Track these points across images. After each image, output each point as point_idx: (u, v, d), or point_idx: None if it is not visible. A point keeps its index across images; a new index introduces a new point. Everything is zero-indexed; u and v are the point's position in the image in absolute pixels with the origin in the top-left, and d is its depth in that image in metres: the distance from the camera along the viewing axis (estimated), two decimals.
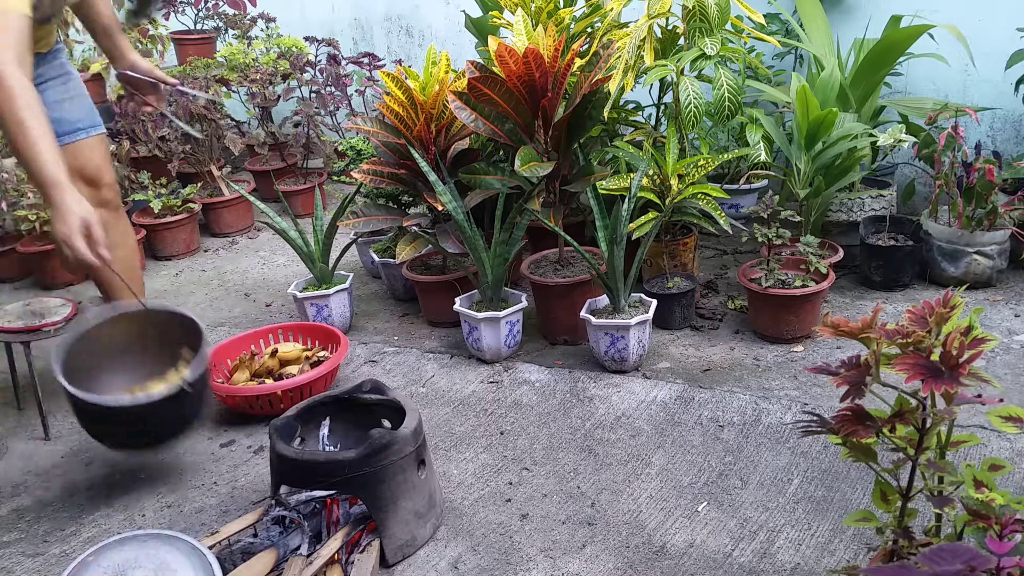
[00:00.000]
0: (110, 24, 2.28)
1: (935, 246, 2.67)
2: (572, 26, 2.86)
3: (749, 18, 2.56)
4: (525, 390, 2.36)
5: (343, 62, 3.99)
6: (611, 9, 2.60)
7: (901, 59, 2.83)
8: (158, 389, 1.84)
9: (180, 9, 4.25)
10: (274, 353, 2.42)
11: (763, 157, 2.74)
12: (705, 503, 1.84)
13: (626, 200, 2.35)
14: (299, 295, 2.72)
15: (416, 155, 2.49)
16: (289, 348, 2.45)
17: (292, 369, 2.39)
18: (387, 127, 2.68)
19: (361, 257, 3.30)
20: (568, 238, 2.40)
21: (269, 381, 2.33)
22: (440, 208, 2.52)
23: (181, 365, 1.95)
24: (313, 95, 3.91)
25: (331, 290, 2.71)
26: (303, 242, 2.72)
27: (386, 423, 1.89)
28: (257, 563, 1.63)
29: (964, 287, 2.52)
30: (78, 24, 2.62)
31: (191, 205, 3.66)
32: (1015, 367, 2.25)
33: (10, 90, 1.70)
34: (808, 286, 2.42)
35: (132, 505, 2.00)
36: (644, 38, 2.51)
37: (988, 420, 1.25)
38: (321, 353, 2.48)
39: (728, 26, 2.57)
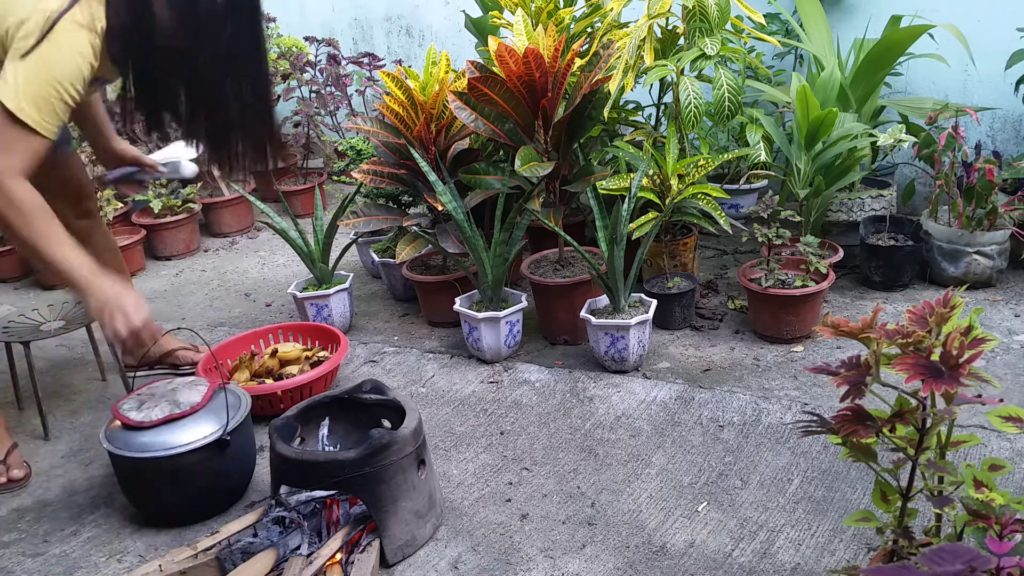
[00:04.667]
0: (104, 120, 2.26)
1: (935, 246, 2.67)
2: (572, 26, 2.86)
3: (749, 18, 2.56)
4: (525, 390, 2.36)
5: (343, 62, 3.99)
6: (611, 9, 2.60)
7: (901, 59, 2.83)
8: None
9: None
10: (274, 353, 2.42)
11: (763, 157, 2.73)
12: (705, 503, 1.84)
13: (626, 200, 2.35)
14: (299, 295, 2.72)
15: (416, 155, 2.50)
16: (289, 348, 2.45)
17: (292, 369, 2.39)
18: (387, 127, 2.68)
19: (361, 257, 3.30)
20: (568, 238, 2.40)
21: (269, 381, 2.33)
22: (440, 208, 2.52)
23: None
24: (313, 95, 3.91)
25: (331, 290, 2.71)
26: (303, 242, 2.72)
27: (386, 423, 1.89)
28: (257, 563, 1.63)
29: (964, 287, 2.52)
30: None
31: (191, 205, 3.66)
32: (1015, 367, 2.25)
33: (20, 203, 1.73)
34: (808, 286, 2.42)
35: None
36: (644, 38, 2.51)
37: (988, 420, 1.25)
38: (321, 353, 2.48)
39: (728, 26, 2.56)
